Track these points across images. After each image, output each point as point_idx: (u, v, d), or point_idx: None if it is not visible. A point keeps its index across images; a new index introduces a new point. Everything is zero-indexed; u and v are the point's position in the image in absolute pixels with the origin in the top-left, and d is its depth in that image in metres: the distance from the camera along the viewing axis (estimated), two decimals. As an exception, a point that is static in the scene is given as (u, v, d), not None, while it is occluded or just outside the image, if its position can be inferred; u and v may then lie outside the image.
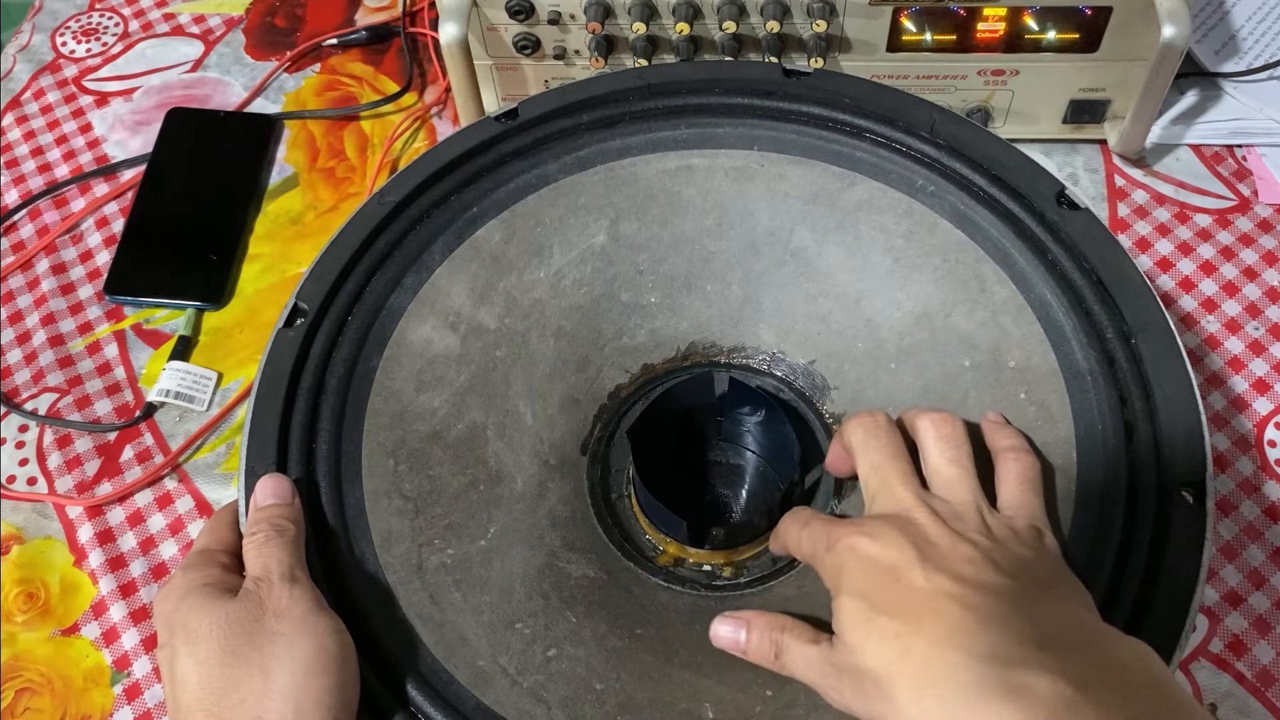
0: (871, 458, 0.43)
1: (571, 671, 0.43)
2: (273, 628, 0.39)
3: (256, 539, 0.42)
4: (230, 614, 0.39)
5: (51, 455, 0.61)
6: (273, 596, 0.40)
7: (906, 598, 0.36)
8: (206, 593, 0.40)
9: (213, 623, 0.39)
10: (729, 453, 0.55)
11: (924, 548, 0.38)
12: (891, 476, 0.42)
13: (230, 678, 0.38)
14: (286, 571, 0.41)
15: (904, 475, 0.42)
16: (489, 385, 0.51)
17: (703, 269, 0.54)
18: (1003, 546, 0.38)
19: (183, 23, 0.81)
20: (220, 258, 0.68)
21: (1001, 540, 0.38)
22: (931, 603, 0.36)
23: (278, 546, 0.41)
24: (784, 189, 0.53)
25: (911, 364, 0.51)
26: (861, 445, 0.43)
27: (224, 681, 0.38)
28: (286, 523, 0.42)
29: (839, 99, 0.53)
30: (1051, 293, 0.48)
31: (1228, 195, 0.68)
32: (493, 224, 0.52)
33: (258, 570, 0.41)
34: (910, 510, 0.40)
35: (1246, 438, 0.60)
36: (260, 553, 0.41)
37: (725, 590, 0.49)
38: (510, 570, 0.46)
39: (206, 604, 0.40)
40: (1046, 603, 0.36)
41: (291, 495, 0.44)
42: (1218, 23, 0.75)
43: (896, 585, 0.37)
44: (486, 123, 0.54)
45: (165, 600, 0.41)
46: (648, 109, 0.55)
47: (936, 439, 0.43)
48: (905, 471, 0.42)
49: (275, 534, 0.42)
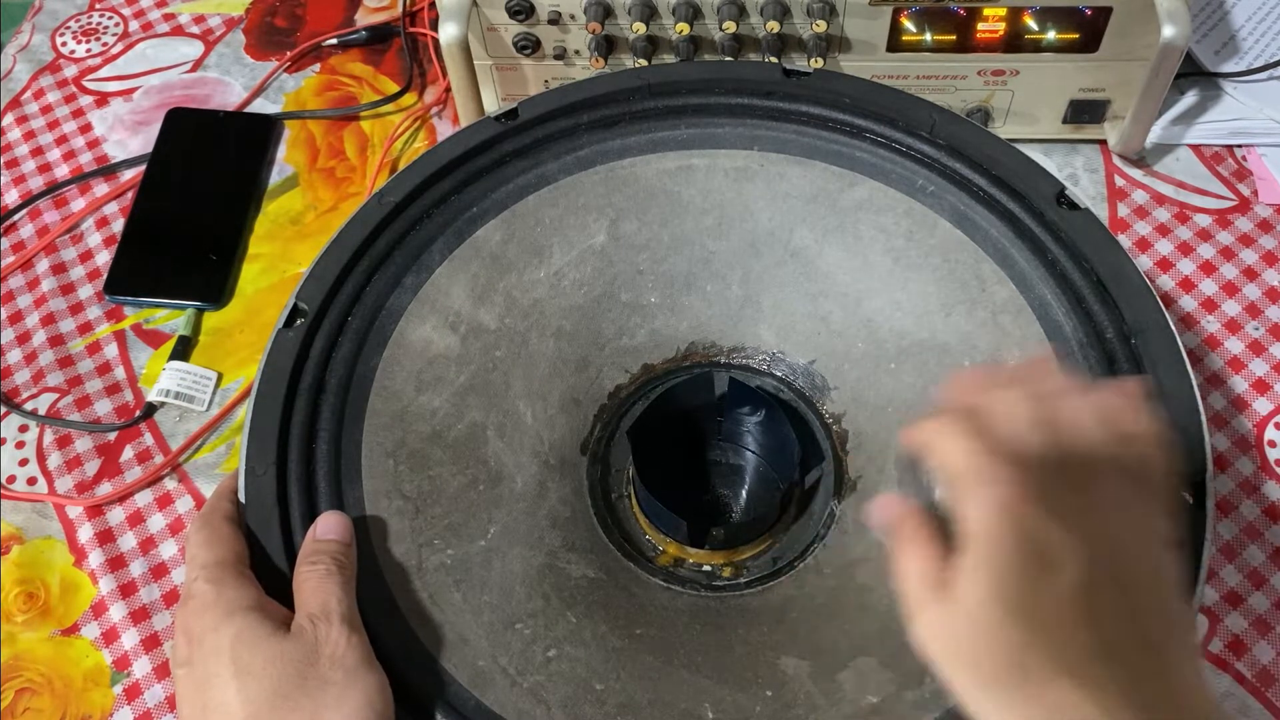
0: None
1: (571, 671, 0.43)
2: (326, 674, 0.38)
3: (318, 571, 0.41)
4: (286, 653, 0.38)
5: (51, 455, 0.61)
6: (330, 641, 0.39)
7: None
8: (255, 620, 0.39)
9: (267, 661, 0.38)
10: (729, 453, 0.55)
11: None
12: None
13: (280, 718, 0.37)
14: (346, 614, 0.40)
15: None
16: (489, 385, 0.51)
17: (703, 269, 0.54)
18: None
19: (183, 23, 0.81)
20: (220, 258, 0.68)
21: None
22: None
23: (338, 585, 0.40)
24: (784, 189, 0.53)
25: (911, 364, 0.51)
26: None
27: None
28: (347, 561, 0.42)
29: (839, 99, 0.53)
30: (1051, 293, 0.48)
31: (1228, 195, 0.68)
32: (493, 224, 0.52)
33: (315, 607, 0.40)
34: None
35: (1246, 438, 0.60)
36: (321, 587, 0.40)
37: (725, 590, 0.49)
38: (510, 570, 0.46)
39: (258, 635, 0.39)
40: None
41: (352, 536, 0.43)
42: (1218, 23, 0.75)
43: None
44: (486, 123, 0.54)
45: (200, 617, 0.40)
46: (648, 109, 0.55)
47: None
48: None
49: (337, 570, 0.41)
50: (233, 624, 0.39)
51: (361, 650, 0.39)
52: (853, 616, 0.46)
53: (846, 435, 0.52)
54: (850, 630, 0.45)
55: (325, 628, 0.39)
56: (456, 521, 0.47)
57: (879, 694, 0.42)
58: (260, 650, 0.38)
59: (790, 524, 0.51)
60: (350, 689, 0.38)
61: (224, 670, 0.38)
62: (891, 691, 0.42)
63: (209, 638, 0.39)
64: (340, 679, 0.38)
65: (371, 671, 0.39)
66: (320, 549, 0.42)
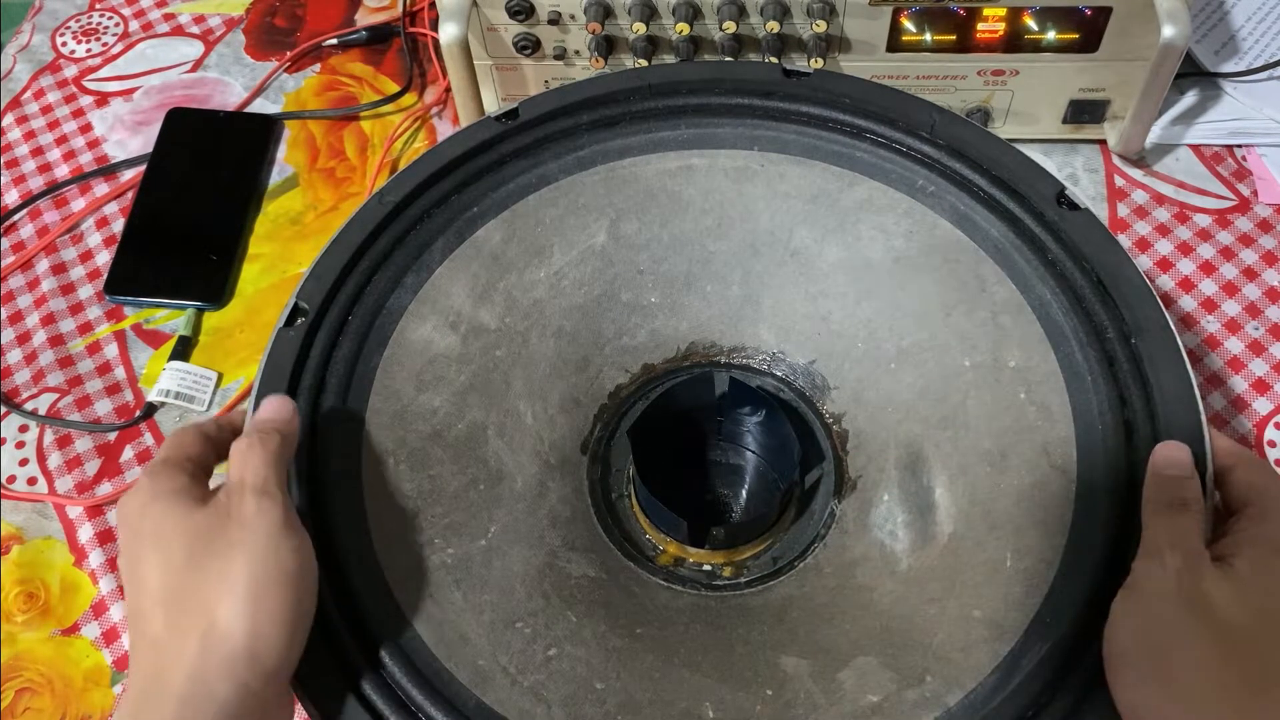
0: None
1: (572, 671, 0.43)
2: (234, 537, 0.39)
3: (240, 446, 0.41)
4: (197, 522, 0.39)
5: (52, 455, 0.61)
6: (240, 507, 0.39)
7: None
8: (175, 499, 0.40)
9: (181, 531, 0.39)
10: (729, 453, 0.55)
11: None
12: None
13: (190, 582, 0.38)
14: (259, 484, 0.40)
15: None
16: (489, 385, 0.51)
17: (703, 269, 0.54)
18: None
19: (183, 23, 0.81)
20: (220, 258, 0.68)
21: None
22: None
23: (257, 456, 0.41)
24: (784, 189, 0.53)
25: (911, 364, 0.51)
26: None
27: (184, 585, 0.38)
28: (274, 432, 0.42)
29: (839, 99, 0.53)
30: (1051, 293, 0.48)
31: (1227, 195, 0.68)
32: (493, 224, 0.52)
33: (234, 478, 0.41)
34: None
35: (1246, 438, 0.60)
36: (241, 461, 0.41)
37: (725, 590, 0.49)
38: (510, 570, 0.46)
39: (175, 511, 0.40)
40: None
41: (290, 411, 0.44)
42: (1218, 23, 0.75)
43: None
44: (487, 123, 0.53)
45: (129, 505, 0.41)
46: (648, 109, 0.54)
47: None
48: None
49: (259, 443, 0.41)
50: (157, 505, 0.40)
51: (275, 515, 0.39)
52: (853, 616, 0.46)
53: (847, 435, 0.52)
54: (850, 630, 0.45)
55: (238, 498, 0.40)
56: (457, 521, 0.47)
57: (879, 693, 0.42)
58: (176, 524, 0.39)
59: (790, 524, 0.51)
60: (261, 549, 0.38)
61: (145, 546, 0.39)
62: (892, 691, 0.42)
63: (134, 520, 0.40)
64: (249, 540, 0.39)
65: (288, 536, 0.39)
66: (251, 428, 0.43)
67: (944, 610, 0.44)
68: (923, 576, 0.46)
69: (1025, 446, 0.46)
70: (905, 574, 0.46)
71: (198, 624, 0.37)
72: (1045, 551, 0.43)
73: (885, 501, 0.49)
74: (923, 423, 0.50)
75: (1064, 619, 0.41)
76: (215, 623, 0.37)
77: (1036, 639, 0.41)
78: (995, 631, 0.42)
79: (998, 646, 0.41)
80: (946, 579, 0.45)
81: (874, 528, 0.49)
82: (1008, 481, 0.46)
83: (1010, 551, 0.44)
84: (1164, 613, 0.38)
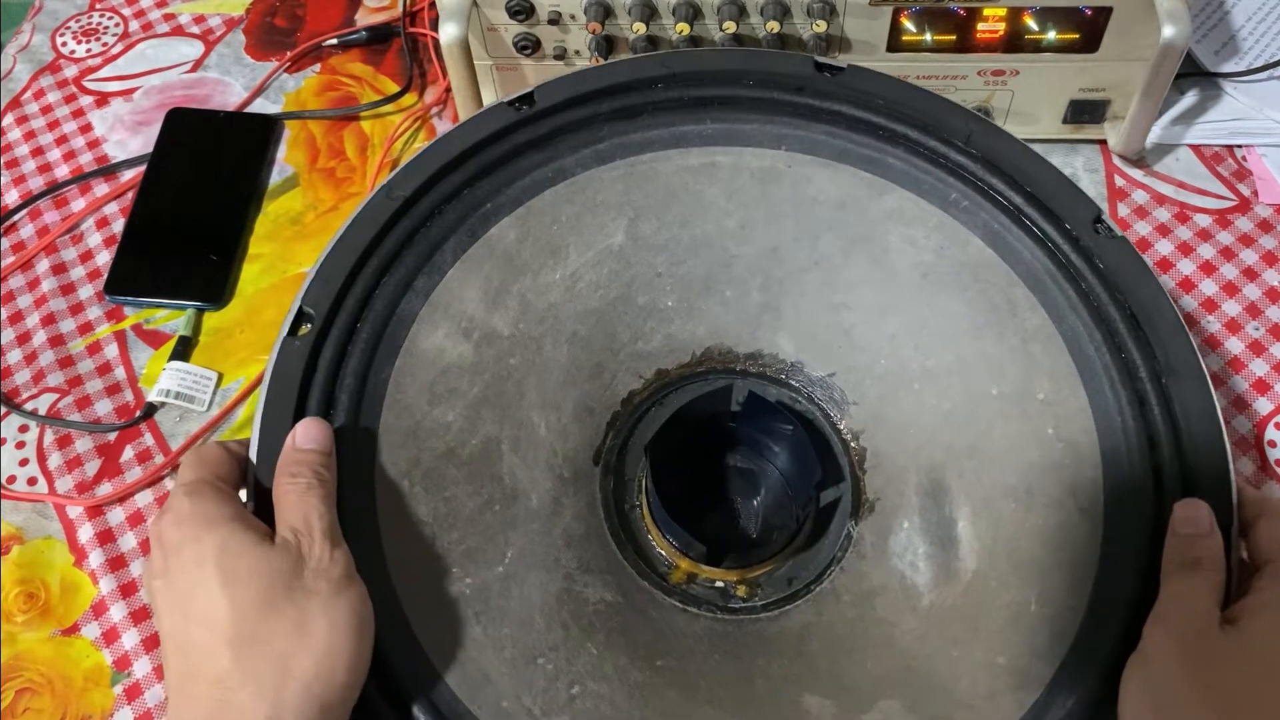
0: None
1: (596, 710, 0.42)
2: (311, 585, 0.38)
3: (299, 485, 0.40)
4: (272, 563, 0.38)
5: (52, 455, 0.61)
6: (314, 554, 0.39)
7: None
8: (240, 532, 0.39)
9: (253, 570, 0.38)
10: (745, 467, 0.53)
11: None
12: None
13: (265, 629, 0.37)
14: (329, 528, 0.40)
15: None
16: (502, 396, 0.48)
17: (723, 273, 0.52)
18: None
19: (183, 23, 0.81)
20: (220, 258, 0.68)
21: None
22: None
23: (319, 499, 0.40)
24: (811, 193, 0.51)
25: (936, 385, 0.49)
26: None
27: (258, 631, 0.37)
28: (328, 474, 0.41)
29: (872, 100, 0.51)
30: (1084, 324, 0.46)
31: (1228, 195, 0.68)
32: (507, 221, 0.49)
33: (298, 521, 0.40)
34: None
35: (1247, 438, 0.60)
36: (302, 501, 0.40)
37: (741, 613, 0.48)
38: (529, 598, 0.45)
39: (244, 547, 0.39)
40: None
41: (332, 445, 0.42)
42: (1218, 23, 0.75)
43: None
44: (500, 109, 0.50)
45: (176, 527, 0.39)
46: (671, 99, 0.51)
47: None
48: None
49: (318, 484, 0.41)
50: (215, 534, 0.39)
51: (344, 563, 0.40)
52: (875, 653, 0.45)
53: (865, 454, 0.51)
54: (873, 668, 0.44)
55: (309, 541, 0.39)
56: (473, 546, 0.45)
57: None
58: (246, 559, 0.38)
59: (805, 544, 0.50)
60: (335, 599, 0.39)
61: (209, 579, 0.38)
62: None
63: (188, 548, 0.39)
64: (325, 589, 0.38)
65: (354, 584, 0.40)
66: (301, 460, 0.41)
67: (968, 653, 0.43)
68: (945, 615, 0.45)
69: (1051, 485, 0.45)
70: (927, 611, 0.45)
71: (271, 670, 0.37)
72: (1069, 599, 0.42)
73: (905, 529, 0.48)
74: (946, 450, 0.48)
75: (1090, 673, 0.40)
76: (291, 670, 0.37)
77: (1062, 692, 0.41)
78: (1019, 679, 0.41)
79: (1022, 696, 0.41)
80: (969, 620, 0.44)
81: (893, 556, 0.48)
82: (1033, 521, 0.45)
83: (1035, 595, 0.43)
84: (1168, 681, 0.38)
